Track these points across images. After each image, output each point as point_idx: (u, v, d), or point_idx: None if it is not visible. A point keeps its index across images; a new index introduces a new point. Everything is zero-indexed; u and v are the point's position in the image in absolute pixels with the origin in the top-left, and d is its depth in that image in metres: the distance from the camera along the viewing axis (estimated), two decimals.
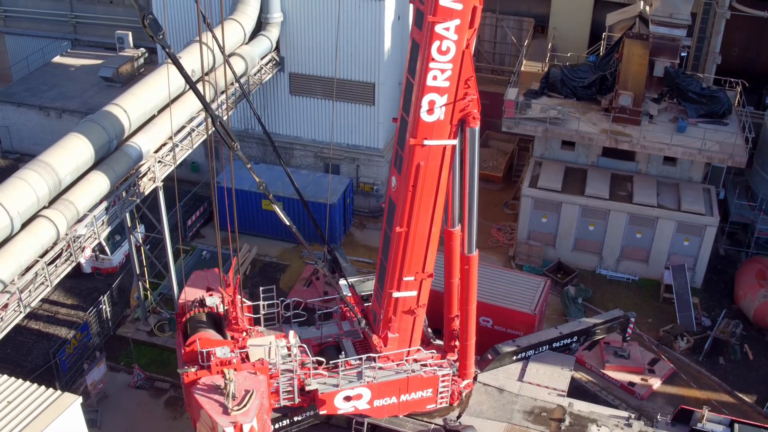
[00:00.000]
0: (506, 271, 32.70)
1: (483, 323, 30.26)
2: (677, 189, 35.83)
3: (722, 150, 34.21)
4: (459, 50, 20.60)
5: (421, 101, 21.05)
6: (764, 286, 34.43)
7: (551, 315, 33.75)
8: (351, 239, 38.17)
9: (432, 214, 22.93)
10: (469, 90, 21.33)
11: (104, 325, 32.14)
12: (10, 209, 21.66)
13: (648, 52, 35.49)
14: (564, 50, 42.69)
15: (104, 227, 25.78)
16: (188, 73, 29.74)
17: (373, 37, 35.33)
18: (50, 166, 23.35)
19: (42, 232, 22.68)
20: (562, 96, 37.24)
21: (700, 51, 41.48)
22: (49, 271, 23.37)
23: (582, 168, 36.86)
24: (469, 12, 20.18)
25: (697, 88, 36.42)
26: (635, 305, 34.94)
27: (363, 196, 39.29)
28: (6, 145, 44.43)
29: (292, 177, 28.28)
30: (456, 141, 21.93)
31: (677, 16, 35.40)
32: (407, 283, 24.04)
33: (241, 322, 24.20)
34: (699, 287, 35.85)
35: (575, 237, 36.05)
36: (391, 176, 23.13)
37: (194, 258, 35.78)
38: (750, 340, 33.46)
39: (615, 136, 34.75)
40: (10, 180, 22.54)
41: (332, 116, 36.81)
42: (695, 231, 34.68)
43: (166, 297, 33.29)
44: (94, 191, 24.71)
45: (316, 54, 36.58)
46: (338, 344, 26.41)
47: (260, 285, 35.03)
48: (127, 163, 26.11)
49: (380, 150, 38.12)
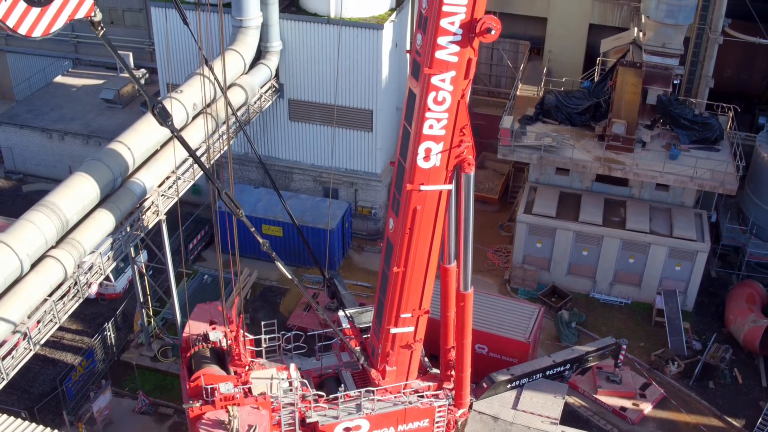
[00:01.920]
0: (501, 299, 33.46)
1: (479, 350, 31.07)
2: (669, 214, 36.57)
3: (713, 178, 34.95)
4: (454, 100, 21.31)
5: (418, 149, 21.76)
6: (754, 310, 35.21)
7: (545, 340, 34.50)
8: (349, 262, 38.89)
9: (428, 255, 23.66)
10: (465, 137, 22.04)
11: (109, 351, 32.86)
12: (19, 252, 22.36)
13: (641, 80, 36.23)
14: (559, 73, 43.39)
15: (110, 262, 26.49)
16: (190, 108, 30.58)
17: (371, 65, 36.02)
18: (57, 207, 24.01)
19: (50, 273, 23.39)
20: (557, 122, 37.96)
21: (693, 74, 42.14)
22: (57, 308, 24.10)
23: (576, 193, 37.59)
24: (465, 64, 20.87)
25: (689, 114, 37.15)
26: (628, 329, 35.75)
27: (361, 220, 40.01)
28: (9, 165, 45.11)
29: (287, 205, 28.84)
30: (451, 186, 22.65)
31: (670, 45, 36.11)
32: (404, 319, 24.79)
33: (243, 358, 24.92)
34: (690, 310, 36.60)
35: (569, 261, 36.79)
36: (388, 218, 23.86)
37: (196, 282, 36.49)
38: (740, 364, 34.23)
39: (608, 163, 35.48)
40: (19, 222, 23.21)
41: (332, 144, 37.50)
42: (687, 256, 35.43)
43: (169, 322, 34.01)
44: (100, 229, 25.41)
45: (315, 81, 37.27)
46: (338, 376, 27.18)
47: (261, 309, 36.02)
48: (131, 200, 26.81)
49: (378, 175, 38.83)
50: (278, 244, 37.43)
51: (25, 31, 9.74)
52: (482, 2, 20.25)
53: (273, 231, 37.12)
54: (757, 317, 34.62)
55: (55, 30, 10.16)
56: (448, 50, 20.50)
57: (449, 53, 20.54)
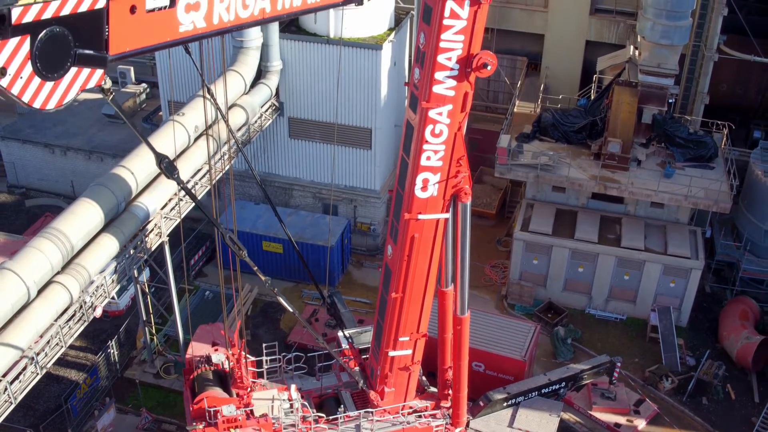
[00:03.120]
0: (498, 317, 34.00)
1: (476, 368, 31.62)
2: (664, 231, 37.12)
3: (707, 196, 35.50)
4: (451, 133, 21.84)
5: (416, 179, 22.29)
6: (747, 327, 35.76)
7: (541, 356, 35.05)
8: (349, 278, 39.43)
9: (426, 281, 24.21)
10: (461, 168, 22.56)
11: (112, 368, 33.40)
12: (26, 279, 22.88)
13: (636, 99, 36.75)
14: (556, 88, 43.92)
15: (114, 285, 27.02)
16: (192, 130, 31.04)
17: (370, 85, 36.56)
18: (63, 233, 24.53)
19: (56, 298, 23.91)
20: (554, 140, 38.50)
21: (689, 91, 42.71)
22: (63, 332, 24.62)
23: (573, 210, 38.13)
24: (461, 97, 21.40)
25: (684, 133, 37.70)
26: (623, 345, 36.31)
27: (360, 235, 40.54)
28: (12, 179, 45.60)
29: (286, 229, 29.28)
30: (448, 214, 23.17)
31: (665, 66, 36.64)
32: (402, 342, 25.34)
33: (245, 380, 25.47)
34: (684, 326, 37.17)
35: (565, 278, 37.35)
36: (386, 245, 24.38)
37: (197, 298, 37.02)
38: (733, 380, 34.79)
39: (604, 182, 36.02)
40: (26, 249, 23.73)
41: (333, 163, 38.04)
42: (681, 273, 35.99)
43: (171, 338, 34.55)
44: (105, 253, 25.93)
45: (315, 100, 37.81)
46: (337, 396, 27.72)
47: (262, 326, 36.55)
48: (135, 224, 27.34)
49: (377, 191, 39.36)
50: (279, 261, 37.99)
51: (40, 104, 10.25)
52: (478, 38, 20.79)
53: (273, 248, 37.65)
54: (750, 334, 35.18)
55: (67, 101, 10.71)
56: (445, 85, 21.01)
57: (446, 87, 21.06)
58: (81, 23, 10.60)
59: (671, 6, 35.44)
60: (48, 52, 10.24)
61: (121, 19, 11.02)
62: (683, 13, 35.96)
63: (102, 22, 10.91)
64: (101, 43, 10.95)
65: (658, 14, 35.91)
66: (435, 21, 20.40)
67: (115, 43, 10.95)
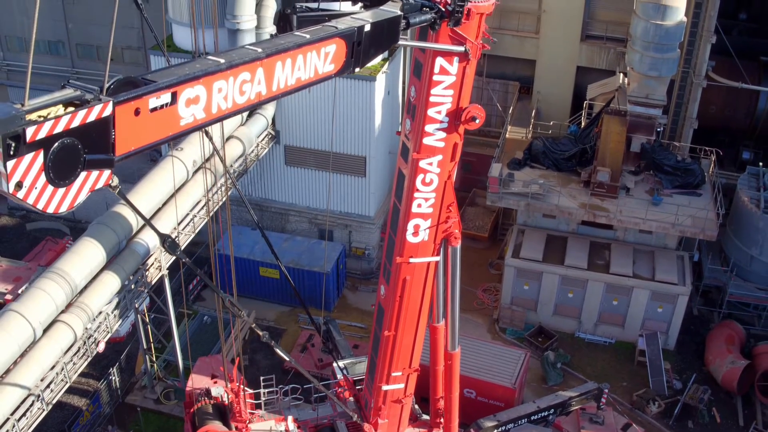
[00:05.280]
0: (489, 344, 34.89)
1: (467, 394, 32.54)
2: (652, 257, 38.01)
3: (694, 224, 36.38)
4: (441, 181, 22.65)
5: (407, 225, 23.10)
6: (732, 351, 36.68)
7: (531, 381, 35.93)
8: (344, 302, 40.30)
9: (417, 319, 25.03)
10: (451, 214, 23.37)
11: (114, 394, 34.24)
12: (32, 321, 23.77)
13: (625, 129, 37.63)
14: (547, 113, 44.82)
15: (116, 320, 27.87)
16: (190, 165, 31.82)
17: (365, 114, 37.43)
18: (66, 273, 25.41)
19: (61, 337, 24.79)
20: (544, 167, 39.38)
21: (678, 115, 43.59)
22: (68, 368, 25.48)
23: (563, 235, 39.02)
24: (451, 148, 22.21)
25: (672, 161, 38.59)
26: (611, 368, 37.22)
27: (355, 259, 41.42)
28: (12, 202, 46.24)
29: (278, 256, 29.92)
30: (439, 257, 24.02)
31: (653, 96, 37.56)
32: (395, 377, 26.21)
33: (244, 414, 26.33)
34: (672, 349, 38.09)
35: (555, 303, 38.26)
36: (379, 285, 25.21)
37: (196, 323, 37.86)
38: (718, 404, 35.70)
39: (593, 210, 36.91)
40: (31, 290, 24.62)
41: (328, 191, 38.90)
42: (668, 299, 36.89)
43: (172, 364, 35.41)
44: (107, 291, 26.80)
45: (310, 129, 38.66)
46: (333, 426, 28.59)
47: (259, 351, 37.40)
48: (135, 260, 28.20)
49: (371, 218, 40.24)
50: (276, 286, 38.85)
51: (53, 209, 10.94)
52: (467, 92, 21.62)
53: (270, 273, 38.52)
54: (735, 358, 36.09)
55: (78, 203, 11.48)
56: (435, 137, 21.81)
57: (436, 139, 21.85)
58: (89, 132, 11.24)
59: (659, 39, 36.33)
60: (60, 163, 10.88)
61: (127, 123, 11.75)
62: (671, 45, 36.85)
63: (109, 128, 11.54)
64: (108, 147, 11.60)
65: (646, 47, 36.80)
66: (425, 76, 21.22)
67: (121, 145, 11.70)
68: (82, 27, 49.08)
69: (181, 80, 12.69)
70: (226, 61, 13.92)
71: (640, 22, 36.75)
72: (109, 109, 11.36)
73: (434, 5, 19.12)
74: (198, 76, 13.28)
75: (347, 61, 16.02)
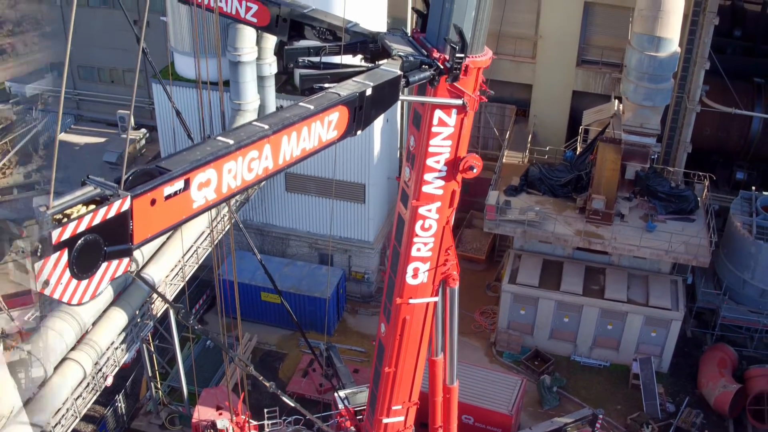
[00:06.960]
0: (486, 371, 35.68)
1: (465, 420, 33.31)
2: (646, 282, 38.78)
3: (687, 251, 37.15)
4: (440, 226, 23.37)
5: (407, 268, 23.84)
6: (724, 374, 37.48)
7: (528, 405, 36.70)
8: (344, 326, 41.06)
9: (417, 356, 25.79)
10: (449, 257, 24.14)
11: (120, 420, 34.98)
12: (44, 361, 24.47)
13: (620, 157, 38.42)
14: (544, 136, 45.58)
15: (123, 354, 28.62)
16: None
17: (364, 143, 38.14)
18: (76, 312, 26.11)
19: (71, 375, 25.56)
20: (541, 193, 40.14)
21: (672, 140, 44.33)
22: (77, 404, 26.24)
23: (559, 260, 39.79)
24: (449, 195, 22.95)
25: (666, 188, 39.36)
26: (606, 392, 38.00)
27: (355, 283, 42.17)
28: None
29: (282, 297, 30.72)
30: (438, 298, 24.78)
31: (647, 125, 38.34)
32: (395, 410, 27.00)
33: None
34: (665, 372, 38.88)
35: (551, 327, 39.04)
36: (380, 323, 25.98)
37: (200, 347, 38.55)
38: (711, 426, 36.50)
39: (588, 237, 37.68)
40: (42, 331, 25.32)
41: (330, 217, 39.64)
42: (662, 324, 37.68)
43: (177, 390, 36.14)
44: (114, 327, 27.57)
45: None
46: None
47: (261, 375, 37.98)
48: (141, 295, 28.95)
49: (370, 243, 41.00)
50: (277, 311, 39.58)
51: (77, 301, 11.59)
52: (465, 144, 22.31)
53: (271, 298, 39.23)
54: (727, 382, 36.90)
55: (99, 292, 12.17)
56: (434, 185, 22.50)
57: (435, 187, 22.55)
58: (109, 226, 11.94)
59: (653, 70, 37.10)
60: (83, 258, 11.56)
61: (143, 213, 12.43)
62: (665, 76, 37.62)
63: (127, 220, 12.23)
64: (127, 238, 12.29)
65: (640, 77, 37.56)
66: (424, 128, 21.94)
67: (138, 234, 12.37)
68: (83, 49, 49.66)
69: (194, 166, 13.36)
70: (234, 142, 14.47)
71: (634, 54, 37.50)
72: (128, 204, 12.06)
73: (433, 62, 19.85)
74: (209, 161, 13.87)
75: (350, 125, 16.61)
